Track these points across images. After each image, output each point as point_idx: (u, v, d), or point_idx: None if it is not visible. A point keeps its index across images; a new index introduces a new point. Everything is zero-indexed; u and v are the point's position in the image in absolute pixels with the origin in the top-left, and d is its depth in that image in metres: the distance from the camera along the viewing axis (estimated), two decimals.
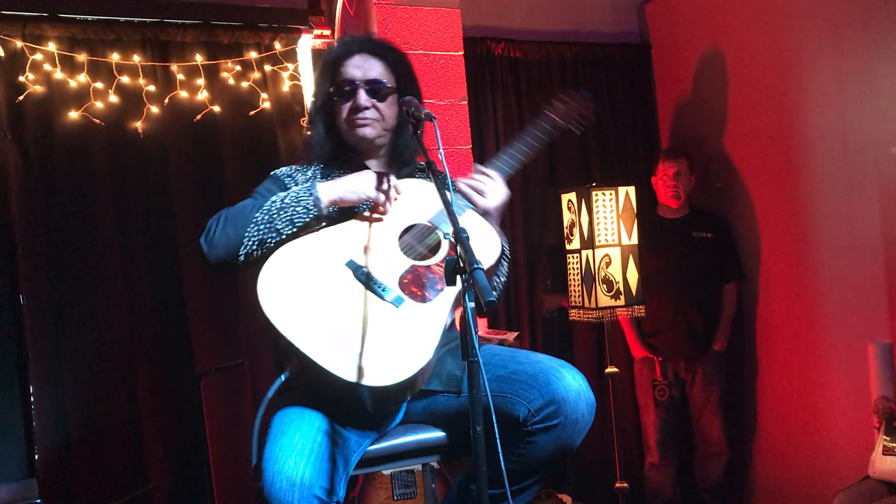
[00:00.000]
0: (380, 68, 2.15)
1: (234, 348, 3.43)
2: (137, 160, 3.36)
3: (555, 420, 1.85)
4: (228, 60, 3.49)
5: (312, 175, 2.18)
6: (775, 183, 3.69)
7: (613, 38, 4.35)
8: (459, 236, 1.63)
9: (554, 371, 1.91)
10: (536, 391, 1.88)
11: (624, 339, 4.00)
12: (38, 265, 3.19)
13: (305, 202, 1.96)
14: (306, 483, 1.69)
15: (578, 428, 1.88)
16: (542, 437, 1.87)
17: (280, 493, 1.68)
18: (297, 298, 1.87)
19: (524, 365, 1.97)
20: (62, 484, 3.15)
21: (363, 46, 2.17)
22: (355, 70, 2.13)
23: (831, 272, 3.46)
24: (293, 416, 1.85)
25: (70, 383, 3.20)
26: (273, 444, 1.76)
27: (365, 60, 2.15)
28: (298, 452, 1.73)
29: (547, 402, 1.86)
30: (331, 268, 1.94)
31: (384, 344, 1.86)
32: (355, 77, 2.13)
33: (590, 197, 3.50)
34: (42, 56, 3.20)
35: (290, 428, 1.79)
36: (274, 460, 1.72)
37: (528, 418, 1.87)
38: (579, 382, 1.90)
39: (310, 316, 1.85)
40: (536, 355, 2.03)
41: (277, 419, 1.86)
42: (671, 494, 3.89)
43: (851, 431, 3.39)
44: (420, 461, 2.08)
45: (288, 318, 1.83)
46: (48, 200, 3.23)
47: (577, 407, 1.86)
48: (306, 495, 1.69)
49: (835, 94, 3.38)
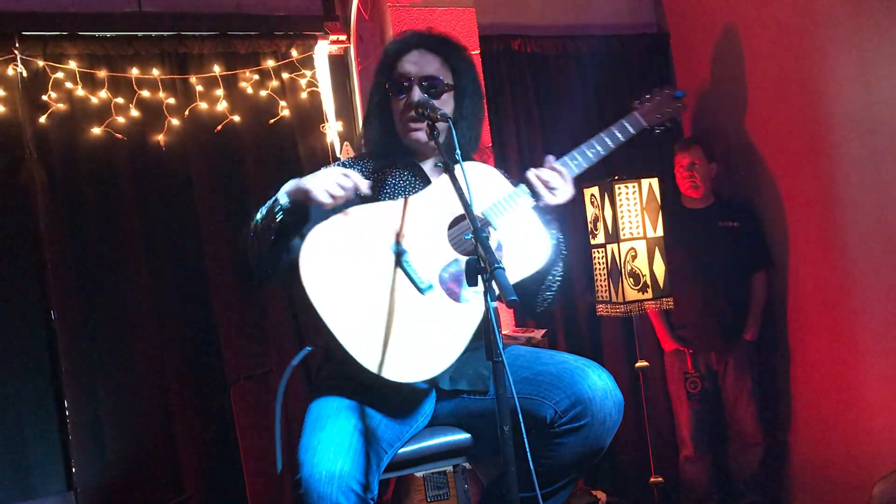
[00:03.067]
0: (436, 64, 2.10)
1: (264, 356, 3.45)
2: (160, 172, 3.40)
3: (582, 420, 1.84)
4: (246, 70, 3.52)
5: (362, 169, 2.14)
6: (801, 169, 3.64)
7: (631, 30, 4.31)
8: (479, 236, 1.63)
9: (579, 371, 1.89)
10: (562, 392, 1.87)
11: (654, 333, 3.96)
12: (68, 281, 3.23)
13: (272, 206, 1.92)
14: (345, 476, 1.72)
15: (606, 427, 1.86)
16: (570, 438, 1.86)
17: (319, 484, 1.70)
18: (336, 274, 1.86)
19: (548, 366, 1.96)
20: (99, 496, 3.19)
21: (421, 41, 2.13)
22: (411, 66, 2.09)
23: (862, 256, 3.40)
24: (330, 410, 1.87)
25: (104, 396, 3.24)
26: (312, 437, 1.78)
27: (422, 56, 2.11)
28: (338, 446, 1.75)
29: (573, 403, 1.85)
30: (375, 248, 1.92)
31: (411, 339, 1.86)
32: (410, 73, 2.09)
33: (613, 190, 3.47)
34: (63, 74, 3.25)
35: (328, 422, 1.82)
36: (313, 452, 1.74)
37: (555, 420, 1.86)
38: (605, 381, 1.88)
39: (344, 295, 1.85)
40: (562, 355, 2.01)
41: (315, 411, 1.89)
42: (707, 488, 3.84)
43: (889, 418, 3.32)
44: (447, 463, 2.08)
45: (323, 294, 1.83)
46: (74, 216, 3.27)
47: (603, 406, 1.85)
48: (344, 488, 1.71)
49: (858, 75, 3.31)
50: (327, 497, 1.69)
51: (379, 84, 2.17)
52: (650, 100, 2.34)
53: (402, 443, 1.95)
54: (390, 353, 1.83)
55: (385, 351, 1.83)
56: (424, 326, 1.89)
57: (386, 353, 1.83)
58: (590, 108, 4.11)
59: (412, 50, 2.11)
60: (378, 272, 1.90)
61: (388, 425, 1.91)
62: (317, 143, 3.62)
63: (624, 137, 2.25)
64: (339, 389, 1.94)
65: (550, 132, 4.01)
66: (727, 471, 3.91)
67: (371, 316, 1.85)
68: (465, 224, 2.01)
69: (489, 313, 1.57)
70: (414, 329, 1.87)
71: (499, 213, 2.04)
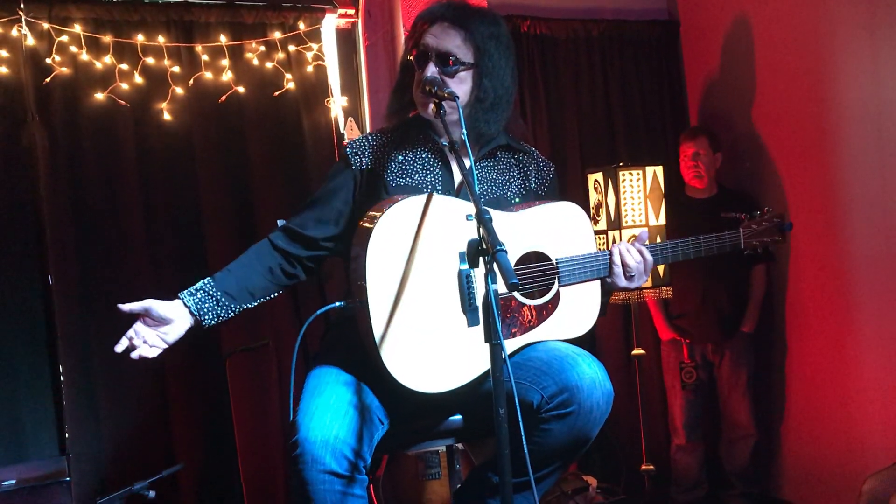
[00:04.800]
0: (458, 40, 2.01)
1: (260, 329, 3.44)
2: (162, 141, 3.38)
3: (569, 408, 1.84)
4: (252, 41, 3.48)
5: (383, 144, 2.12)
6: (806, 162, 3.62)
7: (641, 15, 4.27)
8: (482, 217, 1.62)
9: (569, 359, 1.89)
10: (550, 378, 1.87)
11: (651, 321, 3.96)
12: (67, 246, 3.22)
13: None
14: (340, 441, 1.75)
15: (593, 417, 1.86)
16: (556, 424, 1.86)
17: (314, 447, 1.73)
18: (400, 258, 1.86)
19: (539, 352, 1.96)
20: (91, 462, 3.20)
21: (446, 14, 2.03)
22: (431, 39, 2.01)
23: (863, 253, 3.39)
24: (329, 378, 1.90)
25: (99, 363, 3.23)
26: (310, 402, 1.81)
27: (443, 30, 2.01)
28: (334, 412, 1.78)
29: (560, 389, 1.85)
30: (445, 249, 1.91)
31: (430, 348, 1.87)
32: (429, 46, 2.01)
33: (617, 177, 3.45)
34: (68, 38, 3.22)
35: (326, 389, 1.85)
36: (311, 416, 1.77)
37: (542, 405, 1.86)
38: (595, 371, 1.87)
39: (396, 278, 1.85)
40: (555, 343, 2.01)
41: (314, 378, 1.92)
42: (698, 477, 3.86)
43: (883, 415, 3.33)
44: (438, 444, 2.09)
45: (379, 272, 1.84)
46: (75, 181, 3.26)
47: (591, 395, 1.85)
48: (337, 454, 1.74)
49: (869, 70, 3.29)
50: (320, 460, 1.73)
51: (404, 53, 2.14)
52: (758, 222, 2.33)
53: (392, 422, 1.95)
54: (403, 350, 1.85)
55: (401, 345, 1.85)
56: (449, 343, 1.89)
57: (400, 348, 1.84)
58: (597, 93, 4.09)
59: (437, 21, 2.03)
60: (437, 273, 1.90)
61: (382, 402, 1.92)
62: (321, 118, 3.59)
63: (719, 251, 2.27)
64: (339, 361, 1.96)
65: (557, 115, 3.99)
66: (718, 461, 3.93)
67: (410, 311, 1.86)
68: (533, 267, 2.02)
69: (489, 295, 1.57)
70: (438, 341, 1.88)
71: (571, 273, 2.03)
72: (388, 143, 2.12)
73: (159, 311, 1.93)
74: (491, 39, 2.03)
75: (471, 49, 2.02)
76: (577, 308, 2.06)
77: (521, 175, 2.19)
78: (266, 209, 3.48)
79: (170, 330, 1.95)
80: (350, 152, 2.12)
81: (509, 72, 2.07)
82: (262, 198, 3.51)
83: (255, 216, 3.49)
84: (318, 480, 1.73)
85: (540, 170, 2.24)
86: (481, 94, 2.03)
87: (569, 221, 2.08)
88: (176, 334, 1.96)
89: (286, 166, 3.55)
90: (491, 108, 2.04)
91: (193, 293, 1.98)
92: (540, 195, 2.21)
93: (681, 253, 2.18)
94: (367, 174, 2.08)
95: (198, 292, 1.98)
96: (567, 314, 2.04)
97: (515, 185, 2.17)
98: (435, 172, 2.09)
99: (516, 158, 2.21)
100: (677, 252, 2.18)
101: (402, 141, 2.12)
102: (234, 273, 2.03)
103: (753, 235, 2.31)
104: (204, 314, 1.97)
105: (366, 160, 2.09)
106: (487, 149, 2.13)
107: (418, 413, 2.00)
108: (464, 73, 2.02)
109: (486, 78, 2.02)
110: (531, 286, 2.02)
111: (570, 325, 2.05)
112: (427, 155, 2.11)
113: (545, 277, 2.03)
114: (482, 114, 2.03)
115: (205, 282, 2.00)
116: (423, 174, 2.07)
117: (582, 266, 2.04)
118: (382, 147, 2.11)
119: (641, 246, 2.09)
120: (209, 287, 1.99)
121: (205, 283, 2.00)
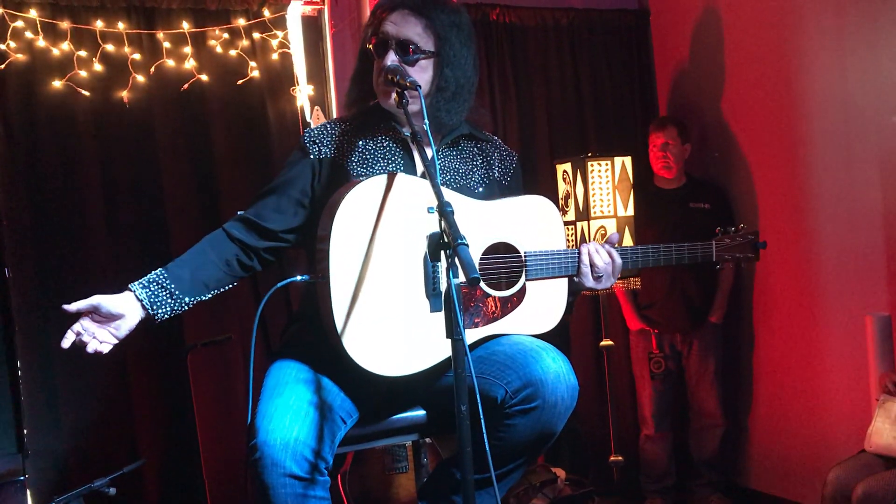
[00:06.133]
0: (418, 28, 1.96)
1: (224, 322, 3.39)
2: (123, 130, 3.31)
3: (533, 403, 1.82)
4: (216, 28, 3.42)
5: (343, 132, 2.07)
6: (774, 152, 3.63)
7: (611, 4, 4.24)
8: (443, 210, 1.59)
9: (533, 353, 1.87)
10: (514, 373, 1.84)
11: (620, 312, 3.96)
12: (24, 236, 3.15)
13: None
14: (300, 443, 1.71)
15: (558, 412, 1.84)
16: (521, 420, 1.83)
17: (273, 450, 1.70)
18: (364, 240, 1.83)
19: (504, 346, 1.93)
20: (50, 460, 3.14)
21: (406, 2, 1.98)
22: (391, 27, 1.96)
23: (830, 244, 3.40)
24: (289, 377, 1.86)
25: (58, 357, 3.16)
26: (269, 403, 1.78)
27: (404, 17, 1.96)
28: (294, 413, 1.75)
29: (525, 384, 1.82)
30: (411, 231, 1.88)
31: (391, 330, 1.84)
32: (389, 34, 1.96)
33: (585, 167, 3.43)
34: (23, 23, 3.13)
35: (285, 389, 1.81)
36: (269, 418, 1.73)
37: (506, 400, 1.83)
38: (559, 365, 1.85)
39: (360, 264, 1.82)
40: (519, 337, 1.99)
41: (273, 376, 1.88)
42: (666, 467, 3.87)
43: (848, 405, 3.36)
44: (401, 440, 2.06)
45: (343, 252, 1.81)
46: (32, 170, 3.19)
47: (556, 390, 1.82)
48: (297, 456, 1.71)
49: (836, 61, 3.30)
50: (280, 463, 1.69)
51: (363, 41, 2.08)
52: (732, 237, 2.33)
53: (356, 418, 1.92)
54: (362, 332, 1.81)
55: (361, 327, 1.81)
56: (409, 328, 1.86)
57: (359, 330, 1.81)
58: (566, 82, 4.07)
59: (397, 9, 1.98)
60: (403, 256, 1.86)
61: (345, 398, 1.89)
62: (286, 107, 3.54)
63: (690, 261, 2.24)
64: (300, 357, 1.93)
65: (527, 104, 3.96)
66: (687, 450, 3.94)
67: (372, 293, 1.82)
68: (501, 258, 1.99)
69: (451, 290, 1.53)
70: (399, 324, 1.85)
71: (539, 268, 2.01)
72: (349, 132, 2.08)
73: (109, 308, 1.87)
74: (452, 28, 1.99)
75: (432, 37, 1.98)
76: (543, 304, 2.03)
77: (485, 164, 2.16)
78: (231, 200, 3.41)
79: (121, 325, 1.89)
80: (307, 141, 2.06)
81: (471, 60, 2.03)
82: (227, 189, 3.45)
83: (220, 207, 3.43)
84: (279, 484, 1.69)
85: (503, 158, 2.21)
86: (442, 83, 1.98)
87: (541, 216, 2.05)
88: (127, 328, 1.90)
89: (251, 156, 3.49)
90: (452, 97, 1.99)
91: (146, 285, 1.91)
92: (503, 184, 2.18)
93: (651, 259, 2.17)
94: (326, 163, 2.04)
95: (151, 284, 1.92)
96: (532, 309, 2.02)
97: (478, 174, 2.14)
98: (397, 162, 2.05)
99: (479, 147, 2.18)
100: (647, 258, 2.16)
101: (362, 130, 2.08)
102: (189, 264, 1.97)
103: (726, 249, 2.31)
104: (157, 307, 1.91)
105: (325, 149, 2.05)
106: (450, 138, 2.09)
107: (384, 405, 1.97)
108: (424, 61, 1.98)
109: (448, 67, 1.98)
110: (498, 277, 2.00)
111: (534, 320, 2.03)
112: (389, 144, 2.07)
113: (512, 270, 2.00)
114: (443, 103, 1.99)
115: (157, 273, 1.93)
116: (385, 163, 2.03)
117: (550, 262, 2.02)
118: (342, 136, 2.07)
119: (611, 248, 2.07)
120: (162, 279, 1.92)
121: (158, 275, 1.93)
